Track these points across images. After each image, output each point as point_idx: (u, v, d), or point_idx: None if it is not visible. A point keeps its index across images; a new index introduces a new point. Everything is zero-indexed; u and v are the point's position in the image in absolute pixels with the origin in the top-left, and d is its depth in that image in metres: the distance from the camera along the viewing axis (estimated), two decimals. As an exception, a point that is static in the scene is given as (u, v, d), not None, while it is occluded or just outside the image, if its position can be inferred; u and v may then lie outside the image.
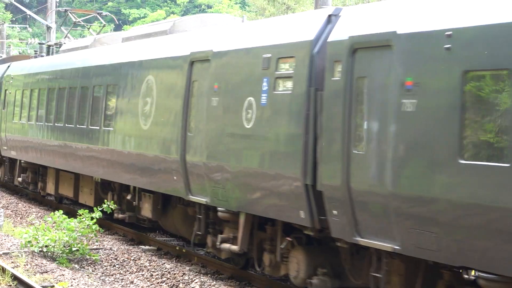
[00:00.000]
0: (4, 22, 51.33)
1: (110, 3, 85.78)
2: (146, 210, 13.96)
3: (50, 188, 19.90)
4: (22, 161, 21.49)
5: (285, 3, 50.47)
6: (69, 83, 16.87)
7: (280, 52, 9.21)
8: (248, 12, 56.74)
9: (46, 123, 18.02)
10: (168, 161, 12.07)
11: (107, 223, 17.36)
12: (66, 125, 16.56)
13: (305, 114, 8.48)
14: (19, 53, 53.44)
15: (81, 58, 17.30)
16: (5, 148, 21.22)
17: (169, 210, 13.91)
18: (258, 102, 9.42)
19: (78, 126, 15.78)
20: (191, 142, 11.49)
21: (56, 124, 17.12)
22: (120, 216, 15.52)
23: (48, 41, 24.47)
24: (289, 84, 9.06)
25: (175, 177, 11.90)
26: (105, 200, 16.39)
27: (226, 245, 11.06)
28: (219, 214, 11.11)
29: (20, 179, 21.77)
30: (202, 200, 11.28)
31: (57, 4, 38.68)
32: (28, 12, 36.86)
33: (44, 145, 18.04)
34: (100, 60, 15.76)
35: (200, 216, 11.75)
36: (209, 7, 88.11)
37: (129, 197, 14.75)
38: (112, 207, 15.98)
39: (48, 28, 32.26)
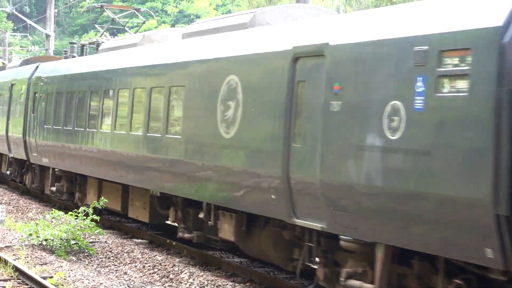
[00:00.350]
0: (6, 31, 53.91)
1: (104, 14, 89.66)
2: (226, 232, 11.95)
3: (91, 200, 17.77)
4: (56, 169, 19.46)
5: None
6: (118, 85, 15.11)
7: (444, 43, 7.05)
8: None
9: (87, 129, 16.19)
10: (262, 177, 10.16)
11: (103, 218, 17.76)
12: (115, 131, 14.68)
13: (494, 122, 6.34)
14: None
15: (131, 57, 15.40)
16: (35, 154, 19.25)
17: (254, 231, 11.86)
18: (409, 107, 7.39)
19: (131, 133, 14.06)
20: (297, 154, 9.52)
21: (101, 130, 15.35)
22: (187, 235, 13.53)
23: (79, 44, 22.32)
24: (463, 84, 6.88)
25: (273, 196, 9.97)
26: (102, 198, 16.05)
27: (356, 283, 9.01)
28: (342, 243, 9.08)
29: (53, 188, 19.94)
30: (315, 225, 9.28)
31: (56, 14, 39.77)
32: (28, 21, 37.74)
33: (85, 152, 16.17)
34: (158, 59, 13.93)
35: (311, 244, 9.73)
36: (198, 17, 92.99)
37: (201, 215, 12.71)
38: (102, 203, 15.61)
39: (47, 36, 33.09)
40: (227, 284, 12.31)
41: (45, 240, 15.01)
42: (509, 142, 6.01)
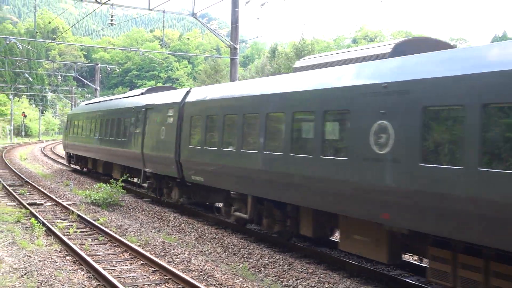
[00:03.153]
0: (73, 87, 71.92)
1: (127, 77, 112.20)
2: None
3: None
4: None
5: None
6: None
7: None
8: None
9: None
10: None
11: (127, 188, 22.66)
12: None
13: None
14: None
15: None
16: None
17: None
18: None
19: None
20: None
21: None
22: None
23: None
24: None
25: None
26: (126, 174, 23.47)
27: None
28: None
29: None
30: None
31: (100, 77, 52.17)
32: (85, 81, 49.87)
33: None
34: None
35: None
36: (177, 79, 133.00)
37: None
38: (125, 177, 22.29)
39: (96, 89, 45.87)
40: (203, 222, 16.98)
41: (94, 199, 19.83)
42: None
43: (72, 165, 35.09)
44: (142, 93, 23.49)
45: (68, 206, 18.41)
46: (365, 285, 10.00)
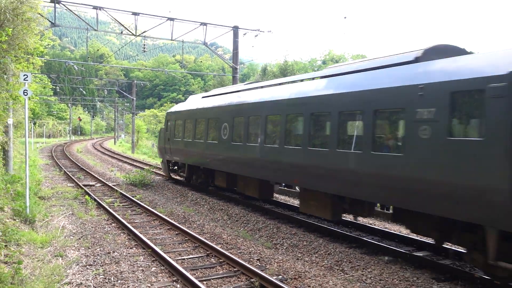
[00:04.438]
0: (115, 98, 69.73)
1: (155, 91, 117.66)
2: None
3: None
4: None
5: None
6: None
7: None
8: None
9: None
10: None
11: (154, 172, 22.78)
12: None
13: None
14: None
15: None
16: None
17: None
18: None
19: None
20: None
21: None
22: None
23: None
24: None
25: None
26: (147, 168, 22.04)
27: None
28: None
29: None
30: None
31: (136, 90, 52.07)
32: (124, 93, 48.64)
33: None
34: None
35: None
36: (193, 91, 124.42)
37: None
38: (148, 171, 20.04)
39: (132, 99, 44.57)
40: (213, 197, 16.20)
41: (132, 181, 19.72)
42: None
43: (175, 176, 20.79)
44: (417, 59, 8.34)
45: (113, 186, 18.20)
46: (333, 243, 9.98)
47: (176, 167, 19.88)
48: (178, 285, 7.12)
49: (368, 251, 9.38)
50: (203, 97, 17.74)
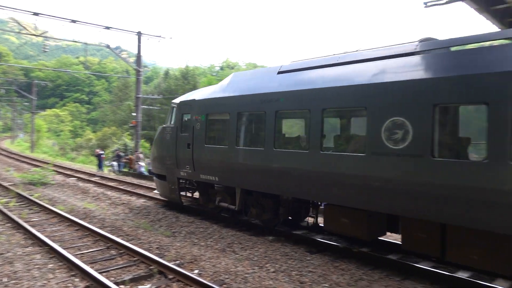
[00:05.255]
0: (14, 97, 65.84)
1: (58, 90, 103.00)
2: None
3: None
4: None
5: None
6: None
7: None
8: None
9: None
10: None
11: (55, 171, 19.70)
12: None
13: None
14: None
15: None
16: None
17: None
18: None
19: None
20: None
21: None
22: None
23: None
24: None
25: None
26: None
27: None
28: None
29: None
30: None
31: (37, 88, 46.31)
32: (23, 93, 43.80)
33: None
34: None
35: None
36: (97, 92, 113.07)
37: None
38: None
39: (32, 99, 40.89)
40: (110, 192, 17.01)
41: (30, 180, 17.68)
42: None
43: (187, 200, 12.86)
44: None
45: (9, 186, 16.15)
46: (226, 228, 10.03)
47: (197, 190, 11.48)
48: (77, 279, 6.63)
49: (256, 232, 9.65)
50: (280, 72, 8.84)
